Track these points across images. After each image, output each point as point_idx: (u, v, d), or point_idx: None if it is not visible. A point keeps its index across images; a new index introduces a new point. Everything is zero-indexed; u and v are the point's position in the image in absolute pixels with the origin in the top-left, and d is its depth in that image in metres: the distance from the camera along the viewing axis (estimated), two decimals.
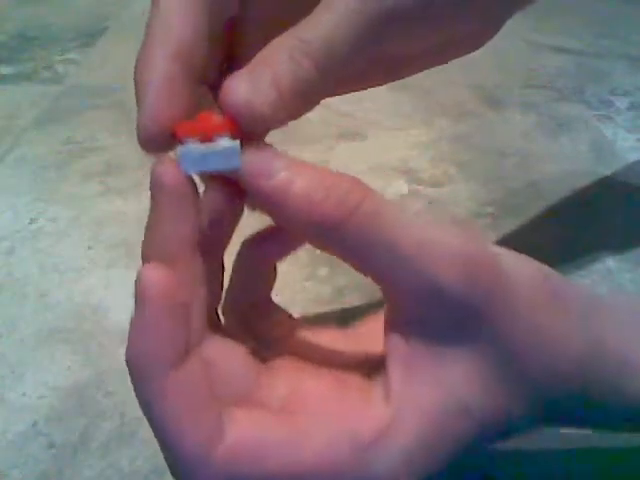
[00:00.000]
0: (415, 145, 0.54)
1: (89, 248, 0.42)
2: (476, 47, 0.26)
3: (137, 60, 0.20)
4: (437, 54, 0.25)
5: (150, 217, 0.19)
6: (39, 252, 0.41)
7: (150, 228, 0.19)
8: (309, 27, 0.20)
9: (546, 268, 0.21)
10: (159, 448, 0.19)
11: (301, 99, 0.20)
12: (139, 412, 0.18)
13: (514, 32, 0.28)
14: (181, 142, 0.19)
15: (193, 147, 0.18)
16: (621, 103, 0.60)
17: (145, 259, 0.19)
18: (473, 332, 0.19)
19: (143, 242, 0.19)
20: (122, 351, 0.17)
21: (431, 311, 0.19)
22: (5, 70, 0.65)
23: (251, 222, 0.21)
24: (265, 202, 0.19)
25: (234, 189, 0.20)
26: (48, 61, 0.67)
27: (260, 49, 0.20)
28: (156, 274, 0.18)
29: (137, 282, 0.18)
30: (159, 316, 0.17)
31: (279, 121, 0.19)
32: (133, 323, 0.18)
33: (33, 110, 0.58)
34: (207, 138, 0.18)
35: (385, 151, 0.52)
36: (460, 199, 0.47)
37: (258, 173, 0.18)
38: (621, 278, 0.40)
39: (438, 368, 0.19)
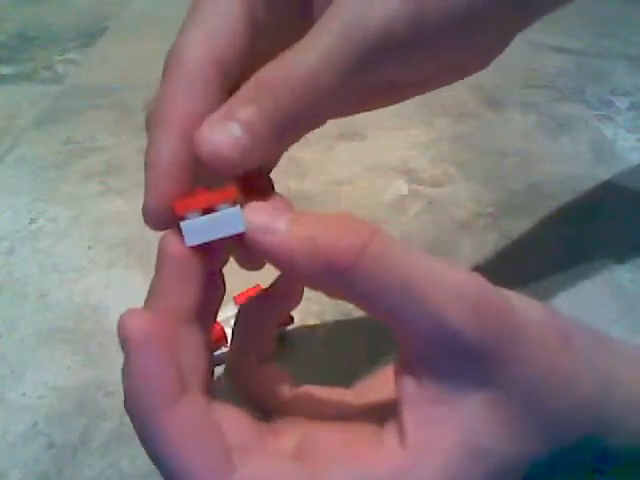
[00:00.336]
0: (415, 145, 0.54)
1: (89, 248, 0.42)
2: (483, 67, 0.26)
3: (148, 130, 0.20)
4: (440, 77, 0.25)
5: (153, 282, 0.20)
6: (39, 252, 0.41)
7: (152, 292, 0.20)
8: (293, 58, 0.20)
9: (552, 309, 0.21)
10: None
11: (283, 134, 0.20)
12: None
13: None
14: (182, 218, 0.19)
15: (195, 220, 0.19)
16: (621, 103, 0.60)
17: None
18: (483, 374, 0.19)
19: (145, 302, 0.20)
20: (122, 351, 0.18)
21: (440, 352, 0.19)
22: (5, 70, 0.65)
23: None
24: (272, 258, 0.19)
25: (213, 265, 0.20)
26: (48, 61, 0.67)
27: None
28: (135, 317, 0.18)
29: (118, 329, 0.18)
30: (144, 355, 0.18)
31: (257, 159, 0.20)
32: (123, 368, 0.18)
33: (33, 110, 0.58)
34: (207, 209, 0.19)
35: (385, 151, 0.52)
36: (460, 199, 0.47)
37: (261, 233, 0.19)
38: (621, 278, 0.40)
39: (452, 411, 0.19)
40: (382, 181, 0.49)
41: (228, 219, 0.19)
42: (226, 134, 0.19)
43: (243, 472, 0.18)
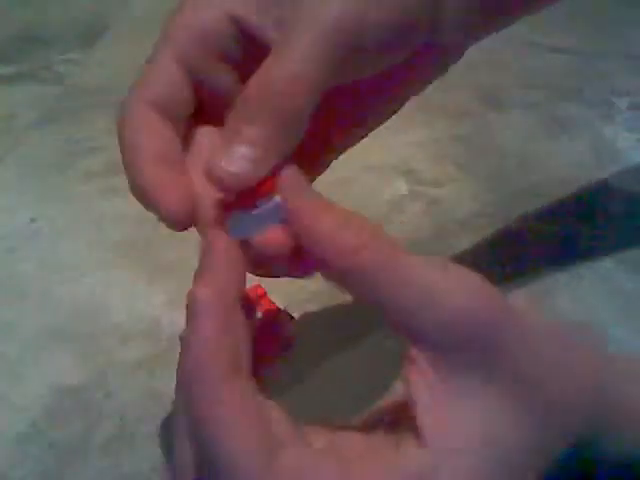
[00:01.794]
0: (415, 145, 0.54)
1: (89, 248, 0.42)
2: (442, 73, 0.28)
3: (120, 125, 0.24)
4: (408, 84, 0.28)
5: (202, 268, 0.21)
6: (39, 252, 0.41)
7: (200, 278, 0.20)
8: (273, 67, 0.21)
9: (557, 320, 0.22)
10: (159, 447, 0.19)
11: (287, 138, 0.21)
12: (139, 412, 0.18)
13: (513, 32, 0.28)
14: (229, 214, 0.21)
15: (241, 217, 0.21)
16: (621, 103, 0.60)
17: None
18: (487, 364, 0.19)
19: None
20: (122, 351, 0.18)
21: (444, 344, 0.19)
22: (5, 70, 0.65)
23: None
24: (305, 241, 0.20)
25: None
26: (48, 61, 0.67)
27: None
28: (207, 291, 0.19)
29: (190, 299, 0.19)
30: (212, 328, 0.19)
31: (270, 166, 0.21)
32: (187, 339, 0.19)
33: (33, 110, 0.58)
34: (248, 207, 0.21)
35: (385, 151, 0.52)
36: (460, 199, 0.47)
37: (302, 219, 0.20)
38: (620, 278, 0.40)
39: (466, 406, 0.19)
40: (382, 181, 0.49)
41: (269, 212, 0.20)
42: (236, 158, 0.20)
43: (284, 461, 0.18)
